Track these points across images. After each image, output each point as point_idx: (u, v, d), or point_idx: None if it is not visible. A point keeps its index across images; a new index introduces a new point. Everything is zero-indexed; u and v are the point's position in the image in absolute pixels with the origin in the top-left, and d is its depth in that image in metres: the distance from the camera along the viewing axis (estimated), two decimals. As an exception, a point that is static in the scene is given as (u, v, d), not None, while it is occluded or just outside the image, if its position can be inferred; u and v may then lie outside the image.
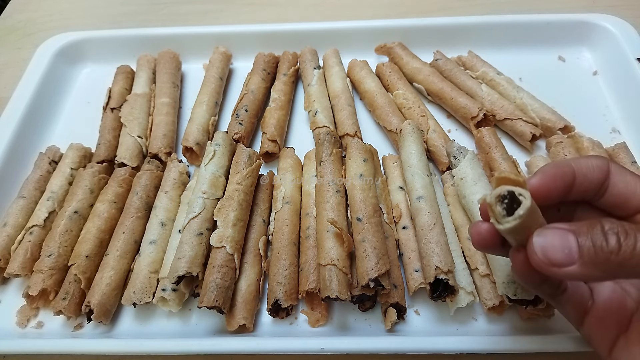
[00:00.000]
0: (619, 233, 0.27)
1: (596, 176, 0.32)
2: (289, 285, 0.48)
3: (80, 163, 0.61)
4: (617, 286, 0.36)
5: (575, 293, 0.36)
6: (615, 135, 0.63)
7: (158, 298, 0.48)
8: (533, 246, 0.28)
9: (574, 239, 0.28)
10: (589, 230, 0.28)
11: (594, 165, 0.33)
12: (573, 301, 0.36)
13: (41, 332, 0.50)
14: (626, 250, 0.27)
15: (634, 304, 0.34)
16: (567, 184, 0.32)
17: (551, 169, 0.32)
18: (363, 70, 0.70)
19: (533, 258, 0.28)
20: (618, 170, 0.33)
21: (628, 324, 0.34)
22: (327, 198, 0.50)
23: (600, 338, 0.35)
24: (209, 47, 0.73)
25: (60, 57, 0.75)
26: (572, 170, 0.32)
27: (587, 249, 0.27)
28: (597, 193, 0.33)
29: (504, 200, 0.28)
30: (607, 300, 0.35)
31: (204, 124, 0.64)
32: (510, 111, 0.61)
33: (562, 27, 0.72)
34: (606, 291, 0.36)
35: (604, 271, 0.27)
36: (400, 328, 0.48)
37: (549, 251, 0.28)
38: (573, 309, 0.36)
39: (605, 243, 0.27)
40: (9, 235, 0.54)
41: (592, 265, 0.27)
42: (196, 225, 0.50)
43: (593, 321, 0.35)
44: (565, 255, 0.28)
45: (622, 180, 0.33)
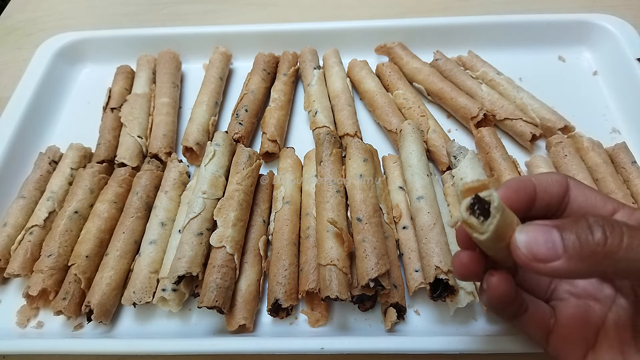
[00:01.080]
0: (605, 226, 0.27)
1: (556, 190, 0.33)
2: (289, 285, 0.48)
3: (80, 163, 0.61)
4: (581, 302, 0.35)
5: (536, 312, 0.36)
6: (615, 135, 0.63)
7: (158, 298, 0.48)
8: (516, 242, 0.28)
9: (558, 233, 0.27)
10: (572, 225, 0.28)
11: (553, 180, 0.33)
12: (535, 320, 0.36)
13: (41, 332, 0.50)
14: (613, 243, 0.26)
15: (598, 319, 0.34)
16: (530, 197, 0.32)
17: (514, 182, 0.32)
18: (363, 70, 0.70)
19: (516, 254, 0.28)
20: (577, 185, 0.33)
21: (595, 340, 0.34)
22: (327, 198, 0.50)
23: (568, 355, 0.34)
24: (209, 47, 0.73)
25: (60, 57, 0.75)
26: (533, 184, 0.32)
27: (572, 243, 0.27)
28: (558, 208, 0.33)
29: (475, 209, 0.27)
30: (570, 317, 0.35)
31: (204, 124, 0.64)
32: (510, 111, 0.61)
33: (562, 27, 0.72)
34: (569, 308, 0.35)
35: (591, 265, 0.27)
36: (400, 328, 0.48)
37: (532, 246, 0.27)
38: (536, 328, 0.36)
39: (590, 236, 0.27)
40: (9, 235, 0.54)
41: (577, 260, 0.27)
42: (196, 225, 0.50)
43: (558, 339, 0.35)
44: (549, 249, 0.27)
45: (581, 195, 0.33)
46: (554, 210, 0.33)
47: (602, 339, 0.33)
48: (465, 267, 0.32)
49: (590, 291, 0.35)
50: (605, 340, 0.33)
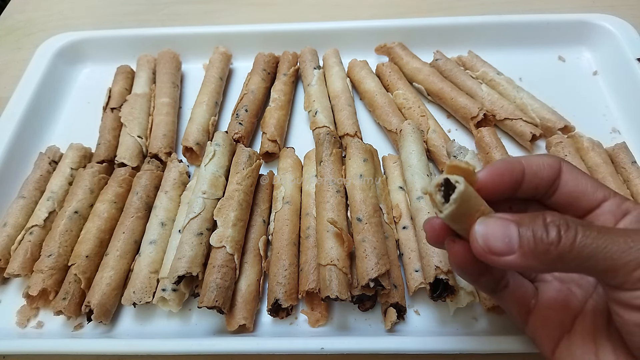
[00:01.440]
0: (560, 225, 0.27)
1: (546, 174, 0.33)
2: (289, 285, 0.48)
3: (80, 163, 0.61)
4: (563, 286, 0.35)
5: (518, 290, 0.36)
6: (615, 135, 0.63)
7: (158, 298, 0.48)
8: (474, 233, 0.29)
9: (516, 229, 0.28)
10: (530, 222, 0.28)
11: (545, 163, 0.33)
12: (515, 298, 0.36)
13: (41, 332, 0.50)
14: (566, 243, 0.27)
15: (578, 304, 0.34)
16: (516, 180, 0.32)
17: (501, 164, 0.32)
18: (363, 70, 0.70)
19: (474, 245, 0.29)
20: (569, 169, 0.33)
21: (572, 325, 0.34)
22: (327, 198, 0.50)
23: (544, 337, 0.35)
24: (209, 47, 0.73)
25: (60, 57, 0.75)
26: (522, 167, 0.32)
27: (527, 240, 0.27)
28: (547, 191, 0.33)
29: (442, 188, 0.28)
30: (552, 300, 0.35)
31: (204, 124, 0.64)
32: (510, 111, 0.61)
33: (562, 27, 0.72)
34: (551, 290, 0.36)
35: (543, 263, 0.27)
36: (400, 328, 0.48)
37: (489, 239, 0.28)
38: (516, 306, 0.36)
39: (545, 235, 0.27)
40: (9, 235, 0.54)
41: (531, 256, 0.27)
42: (196, 225, 0.50)
43: (537, 320, 0.35)
44: (505, 244, 0.28)
45: (572, 180, 0.33)
46: (542, 193, 0.33)
47: (579, 324, 0.33)
48: (435, 232, 0.33)
49: (574, 276, 0.36)
50: (581, 325, 0.33)
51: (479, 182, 0.31)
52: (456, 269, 0.34)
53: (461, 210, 0.28)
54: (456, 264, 0.33)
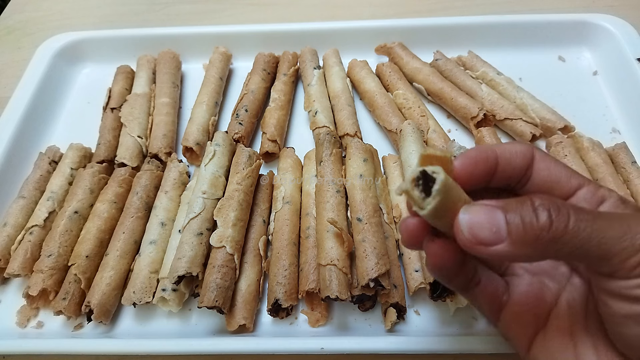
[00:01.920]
0: (551, 209, 0.25)
1: (519, 162, 0.31)
2: (289, 285, 0.48)
3: (80, 163, 0.61)
4: (535, 279, 0.34)
5: (489, 286, 0.34)
6: (615, 135, 0.63)
7: (158, 298, 0.48)
8: (459, 224, 0.26)
9: (502, 215, 0.26)
10: (517, 207, 0.26)
11: (517, 151, 0.31)
12: (487, 294, 0.34)
13: (41, 332, 0.50)
14: (558, 227, 0.25)
15: (552, 297, 0.33)
16: (490, 168, 0.31)
17: (473, 152, 0.31)
18: (363, 70, 0.70)
19: (459, 237, 0.26)
20: (542, 156, 0.32)
21: (546, 320, 0.32)
22: (327, 198, 0.50)
23: (518, 335, 0.33)
24: (209, 47, 0.73)
25: (60, 57, 0.75)
26: (495, 155, 0.31)
27: (515, 226, 0.25)
28: (521, 180, 0.32)
29: (420, 182, 0.26)
30: (524, 294, 0.34)
31: (204, 124, 0.64)
32: (510, 111, 0.61)
33: (562, 27, 0.72)
34: (523, 284, 0.34)
35: (535, 249, 0.25)
36: (400, 328, 0.48)
37: (475, 229, 0.26)
38: (487, 303, 0.34)
39: (535, 219, 0.25)
40: (9, 235, 0.54)
41: (521, 244, 0.25)
42: (196, 225, 0.50)
43: (509, 316, 0.34)
44: (493, 233, 0.26)
45: (545, 167, 0.31)
46: (515, 181, 0.32)
47: (553, 319, 0.32)
48: (412, 234, 0.31)
49: (546, 268, 0.34)
50: (556, 320, 0.32)
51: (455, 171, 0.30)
52: (434, 269, 0.32)
53: (444, 203, 0.26)
54: (435, 265, 0.31)
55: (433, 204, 0.25)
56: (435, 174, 0.25)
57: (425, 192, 0.26)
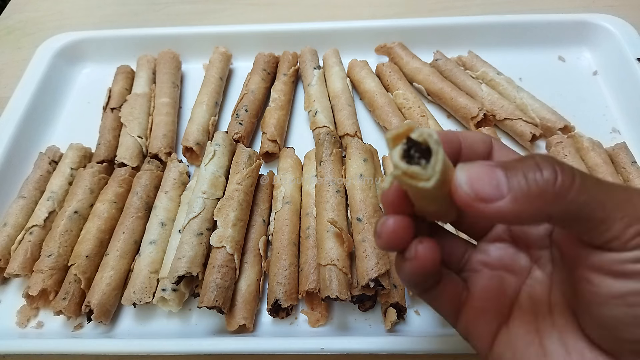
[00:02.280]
0: (555, 165, 0.24)
1: (481, 149, 0.31)
2: (289, 285, 0.48)
3: (80, 163, 0.61)
4: (495, 273, 0.33)
5: (449, 284, 0.33)
6: (615, 135, 0.63)
7: (158, 298, 0.48)
8: (458, 180, 0.25)
9: (502, 172, 0.25)
10: (518, 165, 0.25)
11: (478, 138, 0.32)
12: (447, 293, 0.33)
13: (41, 332, 0.50)
14: (565, 182, 0.24)
15: (513, 292, 0.32)
16: (455, 151, 0.31)
17: (440, 134, 0.30)
18: (363, 70, 0.70)
19: (458, 193, 0.25)
20: (500, 147, 0.32)
21: (508, 314, 0.31)
22: (327, 198, 0.50)
23: (480, 332, 0.32)
24: (209, 47, 0.73)
25: (60, 57, 0.75)
26: (459, 140, 0.31)
27: (517, 181, 0.24)
28: None
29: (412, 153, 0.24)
30: (484, 289, 0.32)
31: (204, 124, 0.64)
32: (510, 111, 0.61)
33: (562, 27, 0.72)
34: (482, 280, 0.33)
35: (537, 207, 0.24)
36: (400, 328, 0.48)
37: (475, 184, 0.24)
38: (446, 302, 0.33)
39: (539, 174, 0.24)
40: (9, 235, 0.54)
41: (524, 200, 0.24)
42: (196, 225, 0.50)
43: (470, 313, 0.32)
44: (494, 187, 0.24)
45: (504, 155, 0.32)
46: None
47: (516, 313, 0.31)
48: (394, 234, 0.29)
49: (506, 262, 0.33)
50: (519, 314, 0.31)
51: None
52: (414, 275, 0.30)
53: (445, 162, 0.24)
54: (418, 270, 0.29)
55: (441, 159, 0.23)
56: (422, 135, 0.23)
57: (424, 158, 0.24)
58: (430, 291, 0.33)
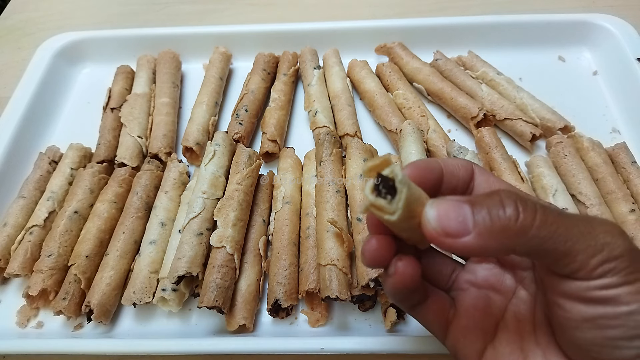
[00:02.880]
0: (518, 202, 0.26)
1: (462, 174, 0.32)
2: (289, 285, 0.48)
3: (80, 163, 0.61)
4: (481, 292, 0.34)
5: (436, 302, 0.34)
6: (615, 135, 0.63)
7: (158, 298, 0.48)
8: (426, 216, 0.26)
9: (469, 208, 0.26)
10: (484, 200, 0.26)
11: (459, 164, 0.32)
12: (434, 311, 0.34)
13: (41, 332, 0.50)
14: (526, 219, 0.25)
15: (499, 311, 0.33)
16: (437, 178, 0.31)
17: (421, 162, 0.32)
18: (363, 70, 0.70)
19: (427, 229, 0.26)
20: (481, 172, 0.33)
21: (494, 333, 0.32)
22: (327, 198, 0.50)
23: (467, 350, 0.33)
24: (209, 47, 0.73)
25: (60, 57, 0.75)
26: (440, 167, 0.32)
27: (482, 218, 0.25)
28: (464, 192, 0.33)
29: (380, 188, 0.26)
30: (470, 308, 0.34)
31: (204, 124, 0.64)
32: (510, 111, 0.61)
33: (562, 27, 0.72)
34: (469, 298, 0.34)
35: (501, 242, 0.25)
36: (400, 328, 0.48)
37: (443, 220, 0.26)
38: (434, 319, 0.34)
39: (502, 211, 0.25)
40: (9, 235, 0.54)
41: (488, 236, 0.25)
42: (196, 225, 0.50)
43: (457, 331, 0.34)
44: (460, 223, 0.26)
45: (485, 180, 0.32)
46: (460, 194, 0.32)
47: (501, 332, 0.32)
48: (376, 252, 0.30)
49: (492, 282, 0.34)
50: (505, 333, 0.32)
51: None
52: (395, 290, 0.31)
53: (409, 199, 0.25)
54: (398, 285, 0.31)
55: (403, 198, 0.25)
56: (392, 172, 0.25)
57: (390, 195, 0.25)
58: (417, 307, 0.34)
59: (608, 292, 0.25)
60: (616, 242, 0.25)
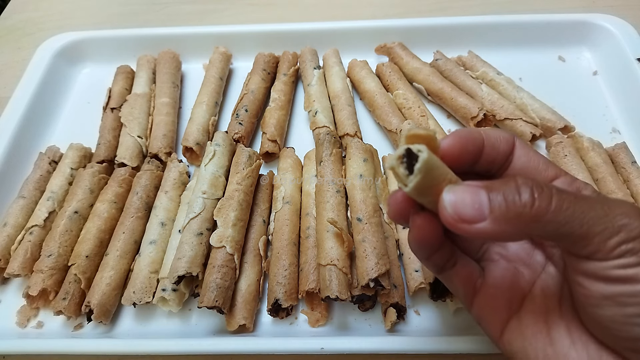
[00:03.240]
0: (534, 187, 0.26)
1: (503, 147, 0.32)
2: (289, 285, 0.48)
3: (80, 163, 0.61)
4: (511, 265, 0.35)
5: (464, 269, 0.35)
6: (615, 135, 0.63)
7: (158, 298, 0.48)
8: (443, 202, 0.27)
9: (485, 194, 0.26)
10: (501, 186, 0.27)
11: (501, 137, 0.33)
12: (462, 277, 0.35)
13: (41, 332, 0.50)
14: (541, 205, 0.26)
15: (526, 284, 0.34)
16: (478, 149, 0.32)
17: (464, 132, 0.32)
18: (363, 70, 0.70)
19: (443, 214, 0.27)
20: (522, 145, 0.33)
21: (520, 305, 0.33)
22: (327, 198, 0.50)
23: (491, 319, 0.34)
24: (209, 47, 0.73)
25: (60, 57, 0.75)
26: (482, 138, 0.32)
27: (498, 204, 0.26)
28: (502, 166, 0.33)
29: (405, 160, 0.27)
30: (498, 279, 0.34)
31: (204, 124, 0.64)
32: (510, 111, 0.61)
33: (562, 27, 0.72)
34: (498, 269, 0.35)
35: (517, 227, 0.26)
36: (400, 328, 0.48)
37: (458, 206, 0.26)
38: (462, 286, 0.35)
39: (518, 197, 0.26)
40: (9, 235, 0.54)
41: (503, 221, 0.26)
42: (196, 225, 0.50)
43: (483, 300, 0.34)
44: (476, 210, 0.26)
45: (525, 155, 0.33)
46: (497, 167, 0.33)
47: (528, 304, 0.33)
48: (398, 207, 0.31)
49: (522, 256, 0.35)
50: (531, 305, 0.33)
51: (443, 149, 0.30)
52: (415, 243, 0.33)
53: (427, 181, 0.26)
54: (417, 238, 0.32)
55: (415, 182, 0.26)
56: (419, 152, 0.26)
57: (410, 170, 0.26)
58: (445, 272, 0.35)
59: (627, 272, 0.25)
60: (633, 223, 0.25)
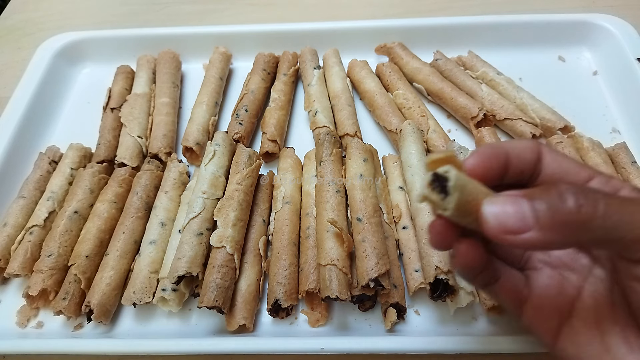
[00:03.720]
0: (578, 193, 0.25)
1: (529, 157, 0.31)
2: (289, 285, 0.48)
3: (80, 163, 0.61)
4: (555, 272, 0.34)
5: (509, 281, 0.34)
6: (615, 135, 0.63)
7: (158, 298, 0.48)
8: (485, 215, 0.26)
9: (527, 203, 0.26)
10: (543, 194, 0.26)
11: (525, 147, 0.32)
12: (507, 290, 0.34)
13: (41, 332, 0.50)
14: (587, 211, 0.25)
15: (574, 290, 0.33)
16: (503, 164, 0.31)
17: (487, 148, 0.31)
18: (363, 70, 0.70)
19: (487, 227, 0.26)
20: (549, 151, 0.32)
21: (570, 312, 0.32)
22: (327, 198, 0.50)
23: (542, 327, 0.33)
24: (209, 47, 0.73)
25: (60, 57, 0.75)
26: (505, 151, 0.31)
27: (542, 212, 0.25)
28: (532, 175, 0.32)
29: (436, 186, 0.26)
30: (545, 288, 0.34)
31: (204, 124, 0.64)
32: (510, 111, 0.61)
33: (562, 27, 0.72)
34: (543, 278, 0.34)
35: (564, 235, 0.25)
36: (400, 328, 0.48)
37: (501, 218, 0.26)
38: (508, 297, 0.35)
39: (563, 204, 0.25)
40: (9, 235, 0.54)
41: (550, 229, 0.25)
42: (196, 225, 0.50)
43: (531, 310, 0.34)
44: (520, 220, 0.25)
45: (554, 160, 0.31)
46: (527, 177, 0.32)
47: (579, 310, 0.32)
48: (440, 235, 0.31)
49: (566, 261, 0.34)
50: (582, 311, 0.32)
51: (469, 169, 0.30)
52: (461, 268, 0.32)
53: (464, 197, 0.26)
54: (463, 265, 0.31)
55: (454, 201, 0.26)
56: (447, 173, 0.26)
57: (444, 193, 0.26)
58: (490, 286, 0.35)
59: None
60: None
